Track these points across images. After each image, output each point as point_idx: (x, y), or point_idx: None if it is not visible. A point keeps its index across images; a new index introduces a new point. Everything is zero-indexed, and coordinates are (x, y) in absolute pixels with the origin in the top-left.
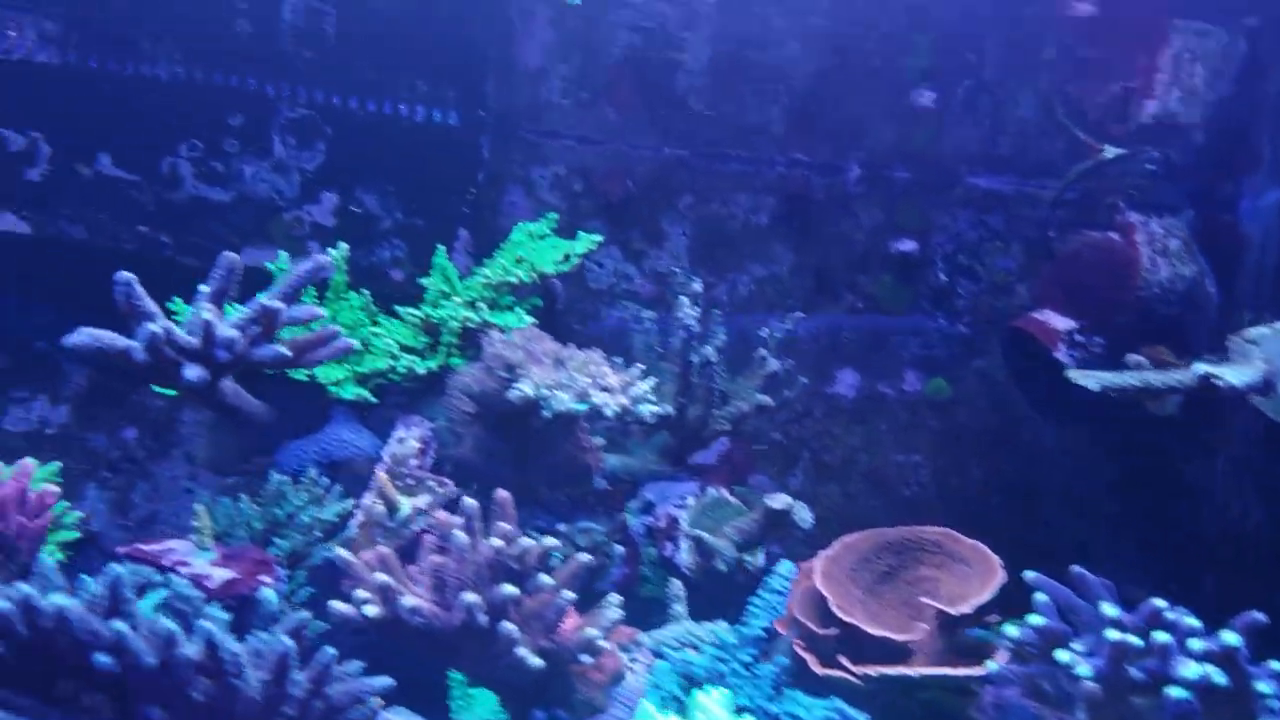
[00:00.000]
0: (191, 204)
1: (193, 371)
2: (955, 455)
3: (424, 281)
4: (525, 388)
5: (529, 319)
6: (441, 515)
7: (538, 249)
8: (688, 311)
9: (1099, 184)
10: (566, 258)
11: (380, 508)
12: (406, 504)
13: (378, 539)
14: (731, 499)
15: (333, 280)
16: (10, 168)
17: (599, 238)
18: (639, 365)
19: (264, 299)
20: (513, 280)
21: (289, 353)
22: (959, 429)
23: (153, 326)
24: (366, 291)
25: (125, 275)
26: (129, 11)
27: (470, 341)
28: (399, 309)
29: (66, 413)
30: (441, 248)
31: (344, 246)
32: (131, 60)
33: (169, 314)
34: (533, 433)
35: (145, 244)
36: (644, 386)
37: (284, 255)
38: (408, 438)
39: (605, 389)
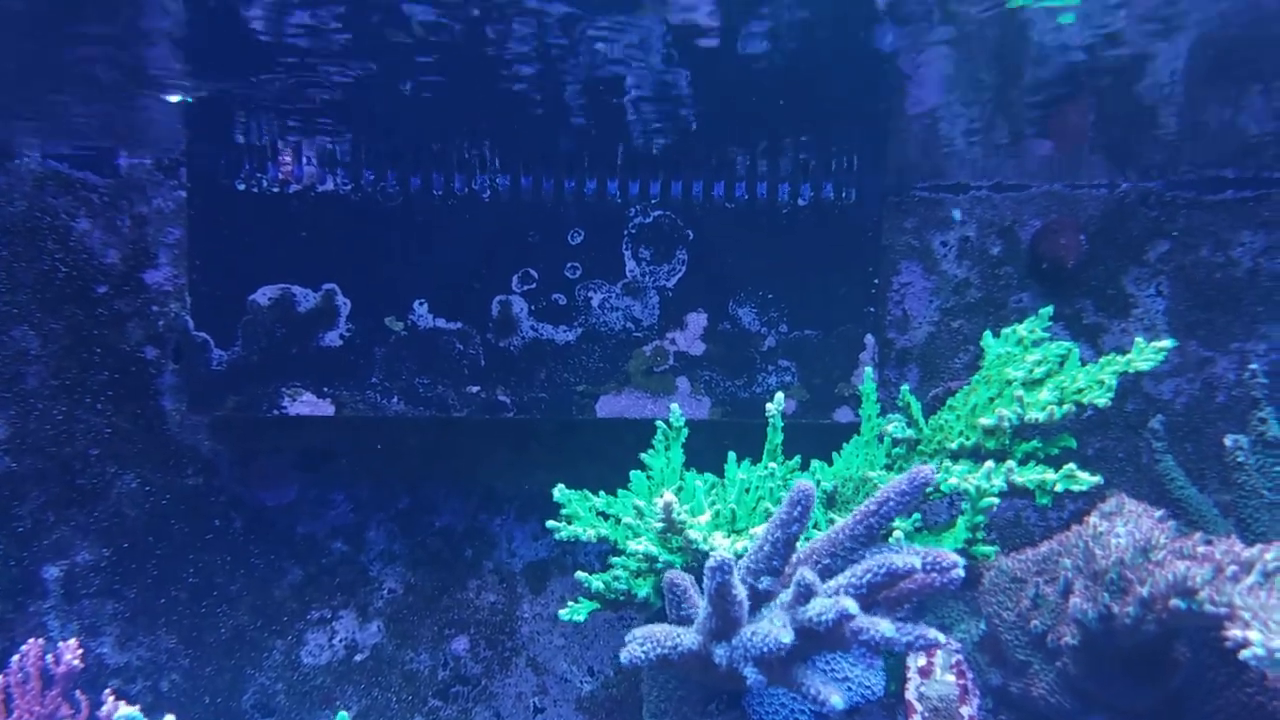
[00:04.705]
0: (531, 350)
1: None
2: None
3: (865, 417)
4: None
5: (1088, 478)
6: None
7: (1038, 361)
8: None
9: None
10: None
11: None
12: None
13: None
14: None
15: (768, 443)
16: (304, 332)
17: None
18: None
19: (894, 557)
20: (1037, 416)
21: (938, 637)
22: None
23: (783, 638)
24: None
25: (724, 559)
26: (429, 120)
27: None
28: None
29: (379, 630)
30: (870, 369)
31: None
32: (440, 178)
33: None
34: (1175, 670)
35: (478, 408)
36: None
37: (676, 410)
38: (936, 667)
39: None
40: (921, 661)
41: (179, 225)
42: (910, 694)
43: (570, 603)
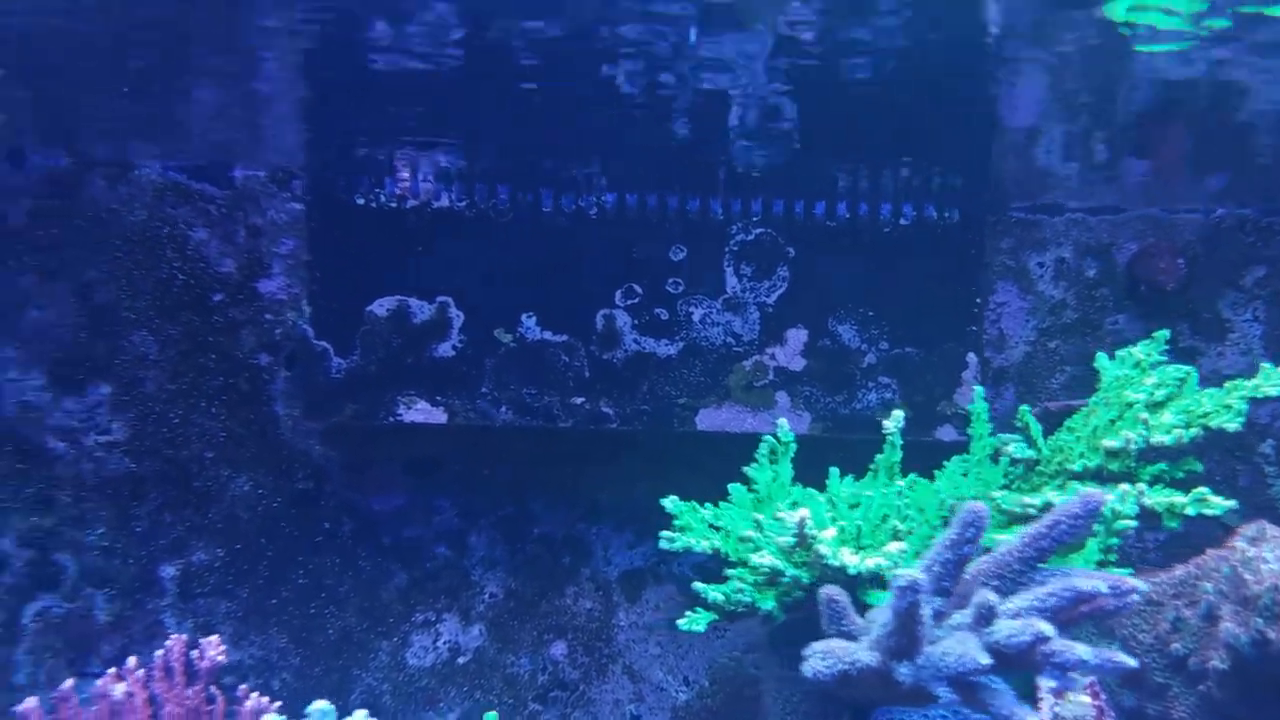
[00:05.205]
0: (634, 363)
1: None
2: None
3: (976, 436)
4: None
5: (1220, 503)
6: None
7: (1158, 384)
8: None
9: None
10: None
11: None
12: None
13: None
14: None
15: (884, 460)
16: (419, 343)
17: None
18: None
19: (1079, 580)
20: (1163, 440)
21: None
22: None
23: (980, 659)
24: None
25: (914, 579)
26: (539, 138)
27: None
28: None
29: (481, 633)
30: (980, 389)
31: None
32: (550, 194)
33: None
34: None
35: (586, 419)
36: None
37: (784, 425)
38: (1067, 688)
39: None
40: (1053, 682)
41: (292, 236)
42: (1044, 714)
43: (688, 613)
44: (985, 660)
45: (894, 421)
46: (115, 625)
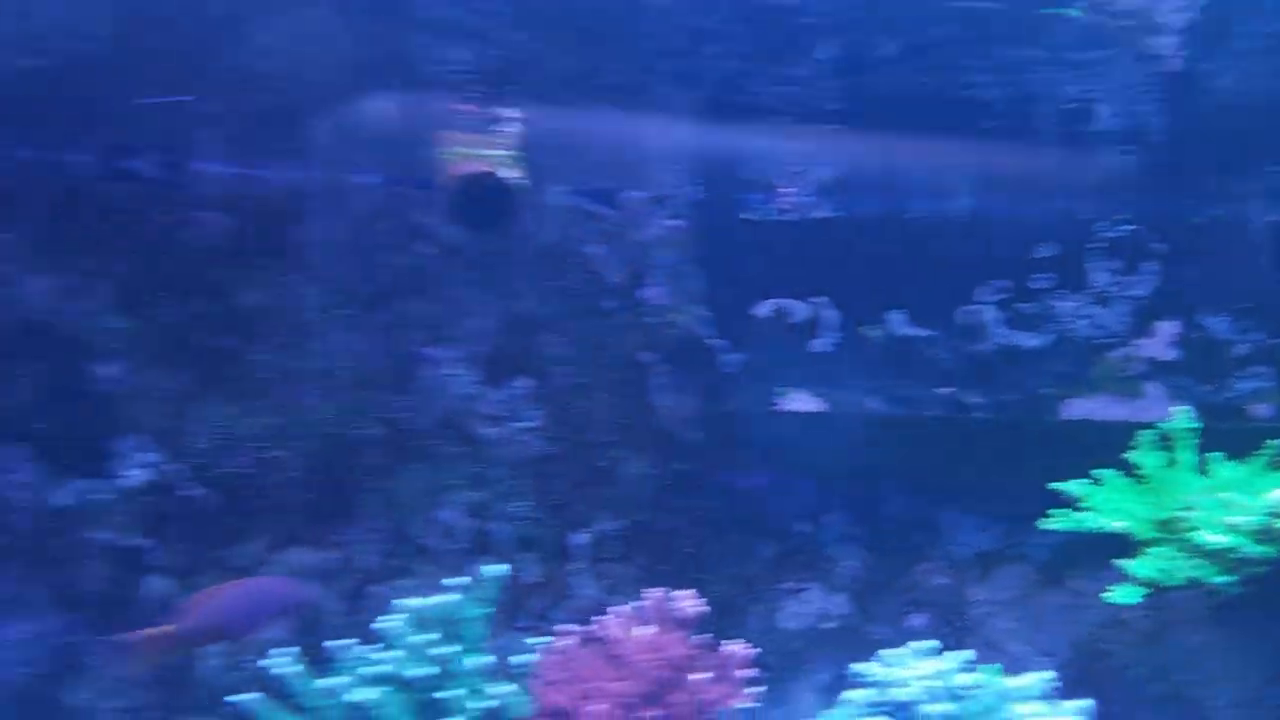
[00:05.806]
0: (1000, 355)
1: None
2: None
3: None
4: None
5: None
6: None
7: None
8: None
9: None
10: None
11: None
12: None
13: None
14: None
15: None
16: (797, 339)
17: None
18: None
19: None
20: None
21: None
22: None
23: None
24: None
25: None
26: (911, 144)
27: None
28: None
29: (845, 601)
30: None
31: None
32: (912, 200)
33: None
34: None
35: (949, 408)
36: None
37: (1184, 412)
38: None
39: None
40: None
41: (669, 251)
42: None
43: (1114, 587)
44: None
45: None
46: (540, 586)
